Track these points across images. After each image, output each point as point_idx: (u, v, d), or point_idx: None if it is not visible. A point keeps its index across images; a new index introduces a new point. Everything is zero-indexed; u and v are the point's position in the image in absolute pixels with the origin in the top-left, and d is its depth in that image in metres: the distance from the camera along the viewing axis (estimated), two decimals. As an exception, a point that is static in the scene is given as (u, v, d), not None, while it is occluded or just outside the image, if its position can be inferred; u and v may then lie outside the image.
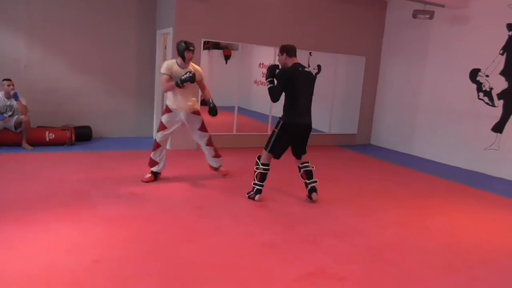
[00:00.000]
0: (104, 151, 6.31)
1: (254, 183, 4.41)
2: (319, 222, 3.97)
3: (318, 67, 9.11)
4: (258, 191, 4.40)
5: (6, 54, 6.43)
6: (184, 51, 4.60)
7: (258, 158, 4.41)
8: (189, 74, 4.52)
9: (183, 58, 4.64)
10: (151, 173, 4.85)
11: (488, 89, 6.52)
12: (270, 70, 4.22)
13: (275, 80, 4.19)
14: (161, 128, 4.80)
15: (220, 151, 5.25)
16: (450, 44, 7.09)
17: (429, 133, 7.51)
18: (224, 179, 5.17)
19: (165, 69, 4.65)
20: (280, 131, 4.28)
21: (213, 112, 4.79)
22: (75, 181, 4.68)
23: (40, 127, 6.46)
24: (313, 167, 4.55)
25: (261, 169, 4.35)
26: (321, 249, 3.37)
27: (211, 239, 3.42)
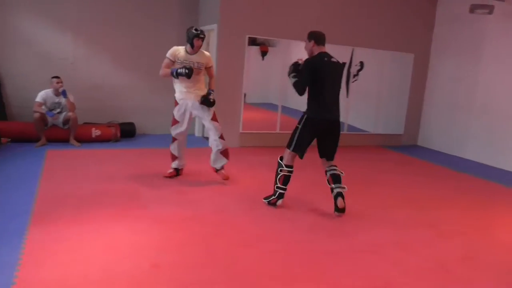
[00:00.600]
0: (148, 147, 6.29)
1: (277, 187, 4.00)
2: (379, 231, 3.74)
3: (360, 63, 8.79)
4: (280, 196, 4.02)
5: (55, 51, 6.51)
6: (194, 37, 4.35)
7: (281, 159, 4.01)
8: (185, 70, 4.24)
9: (191, 45, 4.41)
10: (173, 168, 4.77)
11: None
12: (293, 66, 3.93)
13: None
14: (173, 123, 4.62)
15: (264, 149, 5.02)
16: (508, 41, 6.63)
17: (485, 136, 7.06)
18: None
19: (169, 53, 4.46)
20: (303, 127, 3.89)
21: (205, 102, 4.44)
22: (123, 178, 4.64)
23: (86, 124, 6.51)
24: (342, 172, 4.02)
25: (285, 171, 3.95)
26: (387, 261, 3.15)
27: (268, 244, 3.27)
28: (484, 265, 3.21)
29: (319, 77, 3.80)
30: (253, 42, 12.85)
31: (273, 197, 4.04)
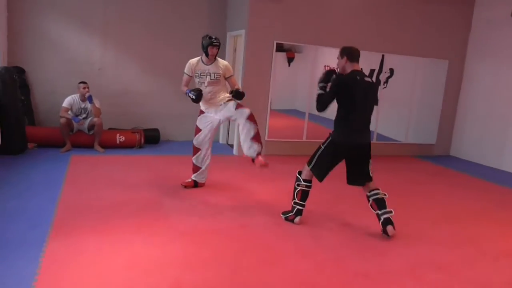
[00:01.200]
0: (172, 154, 6.19)
1: (295, 203, 3.75)
2: (415, 249, 3.48)
3: (390, 70, 8.48)
4: (298, 212, 3.75)
5: (82, 56, 6.52)
6: (208, 46, 4.19)
7: (299, 174, 3.76)
8: (194, 94, 4.11)
9: (206, 54, 4.26)
10: (192, 179, 4.59)
11: None
12: (326, 75, 3.64)
13: (327, 88, 3.59)
14: (196, 132, 4.47)
15: (290, 158, 4.79)
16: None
17: (524, 146, 6.66)
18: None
19: (186, 68, 4.37)
20: (325, 149, 3.62)
21: (236, 95, 4.25)
22: (146, 187, 4.54)
23: (110, 129, 6.48)
24: (385, 194, 3.68)
25: (303, 186, 3.70)
26: (424, 284, 2.90)
27: (296, 263, 3.06)
28: (535, 293, 2.92)
29: (350, 97, 3.51)
30: (279, 48, 12.72)
31: (290, 213, 3.79)
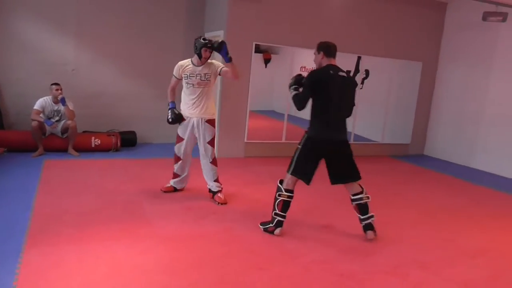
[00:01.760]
0: (150, 157, 6.06)
1: (275, 214, 3.54)
2: (395, 248, 3.53)
3: (366, 72, 8.63)
4: (279, 224, 3.54)
5: (54, 57, 6.29)
6: (202, 48, 3.98)
7: (280, 183, 3.57)
8: (172, 118, 4.09)
9: (199, 56, 4.05)
10: (171, 185, 4.47)
11: None
12: (295, 78, 3.58)
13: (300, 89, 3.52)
14: (177, 140, 4.30)
15: (270, 160, 4.78)
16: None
17: (494, 145, 6.88)
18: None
19: (175, 71, 4.17)
20: (303, 147, 3.48)
21: (219, 45, 3.92)
22: (125, 192, 4.42)
23: (85, 132, 6.28)
24: (368, 197, 3.61)
25: (284, 196, 3.51)
26: (408, 284, 2.94)
27: (283, 267, 3.04)
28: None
29: (324, 91, 3.41)
30: (256, 49, 12.74)
31: (270, 224, 3.58)
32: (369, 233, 3.61)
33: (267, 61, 12.73)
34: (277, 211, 3.54)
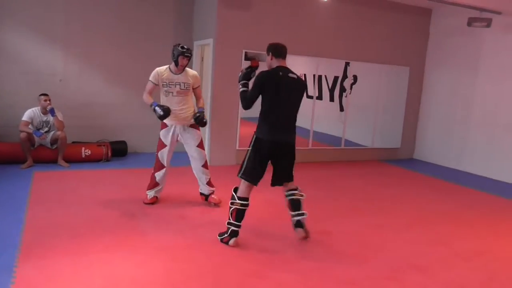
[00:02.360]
0: (141, 167, 5.99)
1: (229, 223, 3.41)
2: (391, 253, 3.54)
3: (354, 77, 8.71)
4: (233, 234, 3.39)
5: (43, 68, 6.22)
6: (179, 56, 4.04)
7: (235, 191, 3.46)
8: (162, 110, 3.98)
9: (176, 64, 4.10)
10: (154, 196, 4.39)
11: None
12: (244, 73, 3.48)
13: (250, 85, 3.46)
14: (160, 147, 4.27)
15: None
16: (505, 54, 6.61)
17: (482, 148, 7.00)
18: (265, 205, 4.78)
19: (152, 76, 4.16)
20: (252, 148, 3.41)
21: (198, 121, 4.18)
22: (117, 202, 4.36)
23: (75, 143, 6.20)
24: (302, 195, 3.57)
25: (237, 204, 3.38)
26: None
27: (282, 275, 3.02)
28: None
29: (271, 93, 3.34)
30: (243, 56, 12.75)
31: (225, 235, 3.44)
32: (299, 231, 3.58)
33: (254, 68, 12.76)
34: (231, 220, 3.41)
